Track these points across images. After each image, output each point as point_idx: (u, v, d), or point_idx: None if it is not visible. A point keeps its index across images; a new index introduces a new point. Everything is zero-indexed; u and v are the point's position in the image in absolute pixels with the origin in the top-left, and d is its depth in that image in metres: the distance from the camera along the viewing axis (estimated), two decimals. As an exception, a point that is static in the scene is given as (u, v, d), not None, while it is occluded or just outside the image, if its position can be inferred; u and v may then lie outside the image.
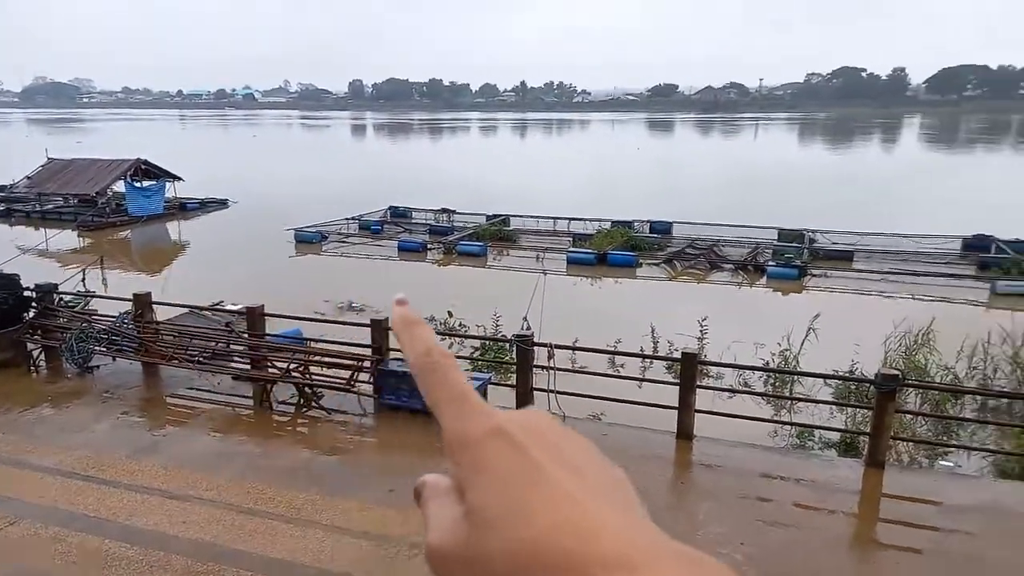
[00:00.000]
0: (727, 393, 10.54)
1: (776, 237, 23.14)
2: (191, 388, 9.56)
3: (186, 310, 11.32)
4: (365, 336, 9.56)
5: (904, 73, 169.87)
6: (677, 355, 11.75)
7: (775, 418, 10.40)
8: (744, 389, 11.01)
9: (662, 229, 24.84)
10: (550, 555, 0.31)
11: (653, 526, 0.34)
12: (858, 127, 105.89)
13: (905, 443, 9.10)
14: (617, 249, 21.71)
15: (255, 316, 9.94)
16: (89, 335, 10.04)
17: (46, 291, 10.80)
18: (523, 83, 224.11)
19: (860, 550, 5.96)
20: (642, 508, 0.35)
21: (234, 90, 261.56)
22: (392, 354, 9.46)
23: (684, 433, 8.08)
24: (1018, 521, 6.33)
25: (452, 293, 17.80)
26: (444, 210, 27.86)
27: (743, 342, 12.91)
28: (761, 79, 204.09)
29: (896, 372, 7.91)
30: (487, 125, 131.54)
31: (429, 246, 23.58)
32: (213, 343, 9.99)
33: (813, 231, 23.27)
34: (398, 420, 8.71)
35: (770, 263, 20.21)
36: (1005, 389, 10.99)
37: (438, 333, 13.46)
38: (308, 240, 24.39)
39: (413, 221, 27.59)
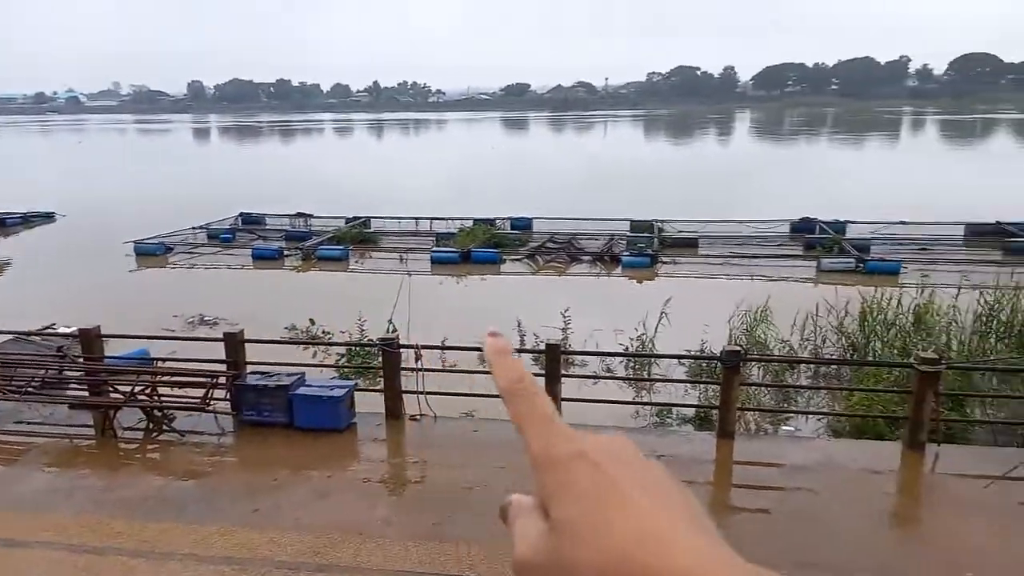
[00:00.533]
0: (591, 380, 10.95)
1: (629, 228, 24.29)
2: (19, 422, 8.61)
3: (9, 336, 10.17)
4: (220, 351, 9.04)
5: (734, 71, 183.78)
6: (542, 347, 12.08)
7: (636, 400, 10.95)
8: (606, 375, 11.47)
9: (523, 225, 25.36)
10: (631, 567, 0.34)
11: (726, 545, 0.36)
12: (696, 122, 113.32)
13: (751, 413, 9.86)
14: (480, 247, 21.92)
15: (91, 338, 9.10)
16: None
17: None
18: (376, 83, 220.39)
19: (717, 515, 6.37)
20: (715, 529, 0.38)
21: (55, 93, 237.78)
22: (250, 367, 9.02)
23: (553, 422, 8.29)
24: (848, 474, 7.04)
25: (314, 299, 17.23)
26: (300, 214, 26.89)
27: (604, 330, 13.46)
28: (607, 78, 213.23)
29: (739, 348, 8.55)
30: (342, 126, 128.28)
31: (286, 252, 22.66)
32: (43, 371, 9.05)
33: (661, 221, 24.64)
34: (260, 436, 8.31)
35: (624, 253, 21.20)
36: (833, 357, 12.19)
37: (299, 342, 13.04)
38: (150, 252, 22.67)
39: (267, 227, 26.41)
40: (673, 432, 9.27)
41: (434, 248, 22.38)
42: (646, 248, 21.38)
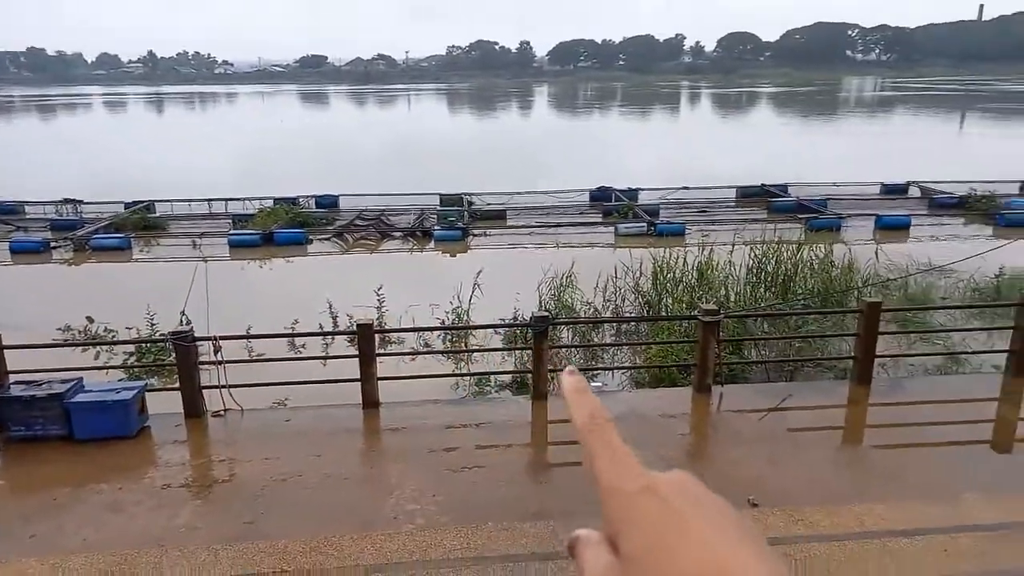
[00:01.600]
0: (409, 356, 10.86)
1: (438, 202, 24.32)
2: None
3: None
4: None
5: (530, 47, 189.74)
6: (354, 328, 11.78)
7: (455, 372, 11.05)
8: (424, 350, 11.45)
9: (328, 203, 24.46)
10: None
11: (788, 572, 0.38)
12: (497, 96, 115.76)
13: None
14: (283, 227, 20.82)
15: None
16: None
17: None
18: (152, 53, 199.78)
19: (536, 472, 6.64)
20: (781, 562, 0.39)
21: None
22: (14, 377, 7.85)
23: (370, 402, 8.12)
24: (648, 420, 7.64)
25: (92, 295, 15.46)
26: (67, 201, 23.80)
27: (420, 305, 13.38)
28: (407, 51, 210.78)
29: (547, 313, 8.89)
30: (113, 101, 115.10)
31: (53, 244, 19.98)
32: None
33: (470, 194, 24.94)
34: (32, 453, 7.29)
35: (436, 227, 21.20)
36: (632, 315, 13.12)
37: (75, 344, 11.63)
38: None
39: (27, 217, 23.10)
40: (491, 399, 9.48)
41: (231, 231, 20.87)
42: (456, 222, 21.55)
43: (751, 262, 13.90)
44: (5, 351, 7.87)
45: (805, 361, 10.44)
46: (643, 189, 25.32)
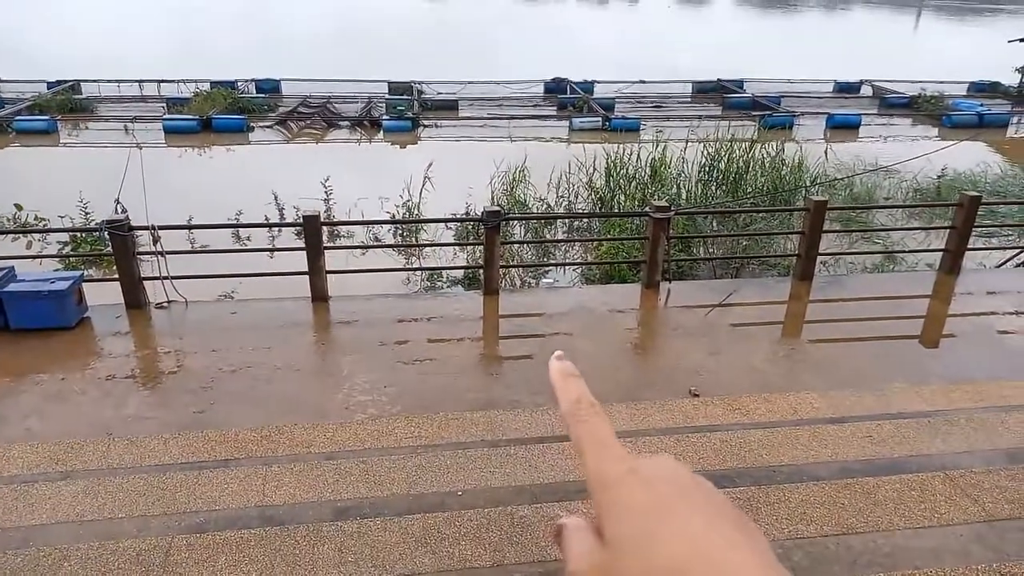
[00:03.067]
0: (359, 250, 10.69)
1: (387, 91, 23.36)
2: None
3: None
4: None
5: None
6: (300, 220, 11.48)
7: (406, 266, 10.97)
8: (374, 244, 11.28)
9: (270, 88, 23.27)
10: None
11: (781, 566, 0.36)
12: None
13: (514, 269, 10.37)
14: (222, 113, 19.79)
15: None
16: None
17: None
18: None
19: (486, 365, 6.73)
20: (769, 549, 0.37)
21: None
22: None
23: (319, 296, 8.01)
24: (598, 315, 7.76)
25: (18, 182, 14.62)
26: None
27: (369, 198, 13.09)
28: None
29: (499, 208, 8.78)
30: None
31: (-32, 127, 18.64)
32: None
33: (420, 83, 23.98)
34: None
35: (385, 117, 20.46)
36: (584, 211, 13.10)
37: (3, 232, 11.08)
38: None
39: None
40: (443, 294, 9.48)
41: (166, 116, 19.75)
42: (406, 111, 20.81)
43: (704, 160, 13.90)
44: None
45: (751, 259, 10.68)
46: (599, 82, 24.77)
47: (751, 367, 6.66)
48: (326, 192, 13.09)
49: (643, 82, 24.84)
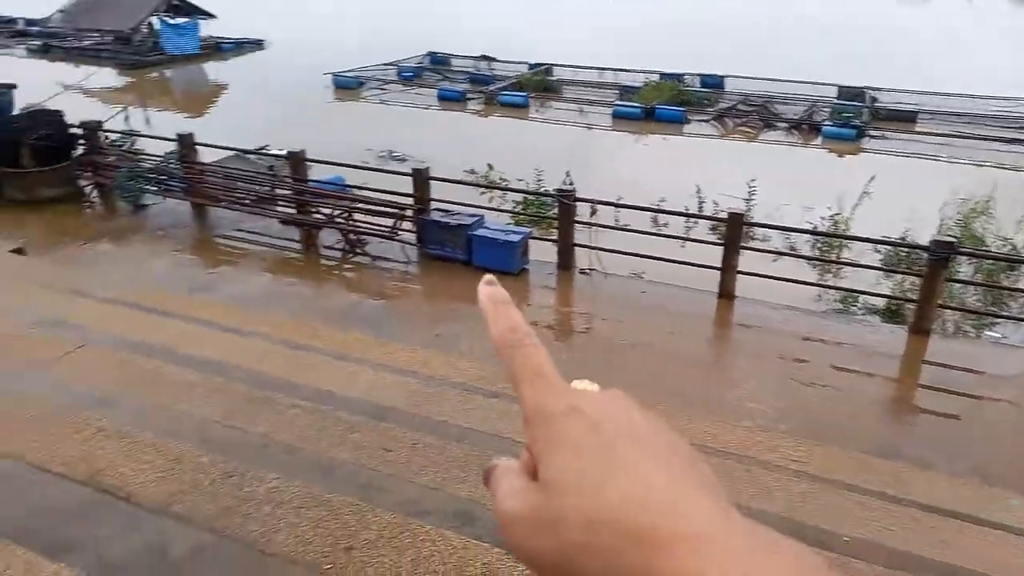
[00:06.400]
0: (772, 255, 10.39)
1: (836, 95, 21.86)
2: (240, 230, 9.74)
3: (231, 153, 11.29)
4: (407, 185, 9.51)
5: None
6: (723, 215, 11.55)
7: (820, 282, 10.32)
8: (790, 252, 10.85)
9: (714, 83, 23.62)
10: (623, 526, 0.31)
11: (733, 509, 0.33)
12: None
13: (952, 312, 8.99)
14: (665, 104, 20.81)
15: (298, 161, 9.89)
16: (138, 174, 10.15)
17: (92, 129, 10.81)
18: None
19: (896, 411, 6.06)
20: (722, 491, 0.34)
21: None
22: (433, 204, 9.45)
23: (725, 293, 8.07)
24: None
25: (493, 145, 17.47)
26: (484, 57, 26.71)
27: (792, 205, 12.57)
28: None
29: (951, 239, 7.67)
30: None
31: (469, 96, 22.84)
32: (259, 187, 10.04)
33: (876, 89, 21.89)
34: (441, 270, 8.83)
35: (827, 123, 19.25)
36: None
37: (479, 185, 13.37)
38: (347, 86, 23.78)
39: (453, 68, 26.57)
40: (857, 320, 8.72)
41: (616, 102, 21.54)
42: (853, 119, 19.24)
43: None
44: (430, 182, 9.46)
45: None
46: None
47: None
48: (749, 191, 12.95)
49: None
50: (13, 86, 11.11)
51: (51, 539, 2.83)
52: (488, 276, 0.43)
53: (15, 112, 10.88)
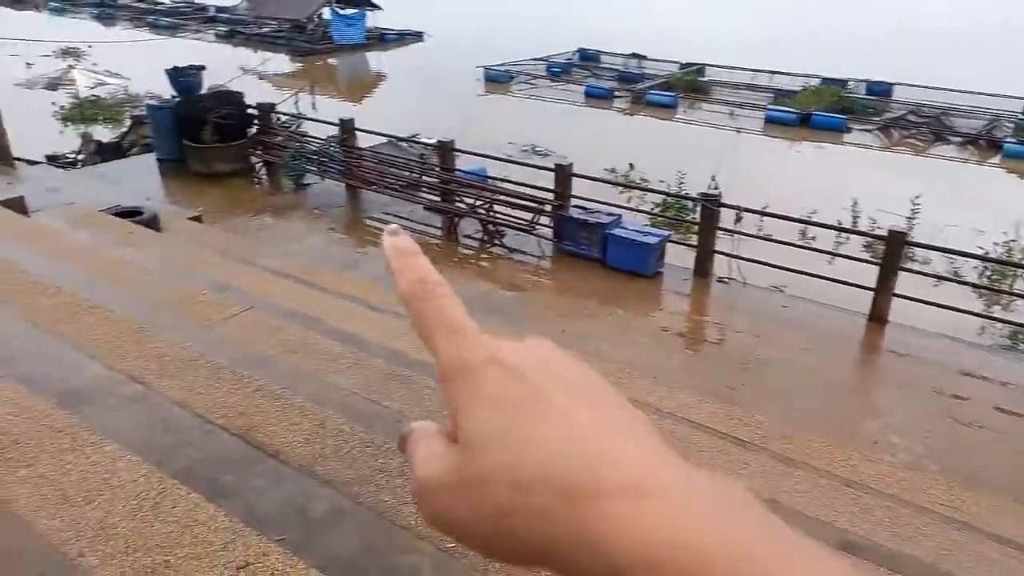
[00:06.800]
0: (932, 280, 9.59)
1: (1022, 110, 19.74)
2: (387, 213, 10.25)
3: (385, 139, 11.90)
4: (547, 180, 9.61)
5: None
6: (881, 233, 10.79)
7: (986, 313, 9.42)
8: (954, 278, 9.96)
9: (880, 91, 22.02)
10: (553, 482, 0.28)
11: (676, 455, 0.29)
12: None
13: None
14: (824, 110, 19.66)
15: (446, 151, 10.26)
16: (302, 155, 10.94)
17: (266, 110, 11.75)
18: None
19: (1067, 467, 5.43)
20: (664, 441, 0.31)
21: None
22: (572, 201, 9.49)
23: (877, 316, 7.55)
24: None
25: (636, 144, 17.27)
26: (635, 55, 26.38)
27: (959, 227, 11.54)
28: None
29: None
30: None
31: (616, 93, 22.67)
32: (408, 173, 10.52)
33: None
34: (574, 266, 8.87)
35: (1009, 139, 17.44)
36: None
37: (620, 184, 13.25)
38: (497, 79, 24.31)
39: (601, 65, 26.44)
40: (1028, 360, 7.88)
41: (770, 106, 20.61)
42: (1042, 137, 17.31)
43: None
44: (572, 178, 9.51)
45: None
46: None
47: None
48: (912, 210, 12.02)
49: None
50: (202, 68, 12.28)
51: (210, 484, 3.13)
52: (392, 225, 0.39)
53: (202, 92, 12.01)
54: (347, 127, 10.97)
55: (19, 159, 11.45)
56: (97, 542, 2.79)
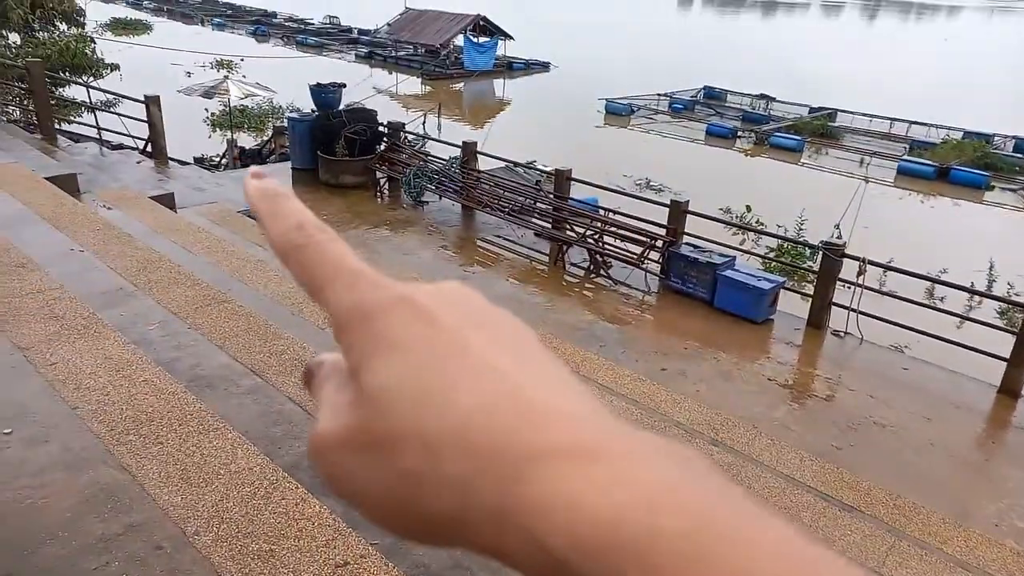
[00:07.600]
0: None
1: None
2: (498, 236, 10.49)
3: (503, 164, 12.21)
4: (659, 215, 9.54)
5: None
6: (1020, 299, 10.01)
7: None
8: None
9: (1032, 149, 20.47)
10: (472, 444, 0.23)
11: (611, 414, 0.25)
12: None
13: None
14: (965, 165, 18.45)
15: (562, 179, 10.40)
16: (424, 173, 11.40)
17: (396, 129, 12.35)
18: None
19: None
20: (598, 399, 0.26)
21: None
22: (685, 238, 9.36)
23: (1009, 390, 6.97)
24: None
25: (755, 187, 16.83)
26: (762, 96, 25.79)
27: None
28: None
29: None
30: (831, 3, 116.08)
31: (739, 133, 22.22)
32: (522, 198, 10.73)
33: None
34: (679, 304, 8.73)
35: None
36: None
37: (736, 225, 12.91)
38: (617, 112, 24.42)
39: (726, 104, 26.02)
40: None
41: (904, 157, 19.57)
42: None
43: None
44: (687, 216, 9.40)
45: None
46: None
47: None
48: (1060, 279, 11.04)
49: None
50: (343, 85, 13.05)
51: (315, 481, 3.30)
52: (254, 168, 0.32)
53: (340, 108, 12.78)
54: (469, 149, 11.34)
55: (172, 159, 12.58)
56: (212, 523, 3.01)
